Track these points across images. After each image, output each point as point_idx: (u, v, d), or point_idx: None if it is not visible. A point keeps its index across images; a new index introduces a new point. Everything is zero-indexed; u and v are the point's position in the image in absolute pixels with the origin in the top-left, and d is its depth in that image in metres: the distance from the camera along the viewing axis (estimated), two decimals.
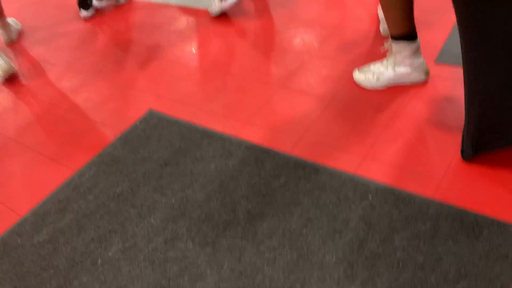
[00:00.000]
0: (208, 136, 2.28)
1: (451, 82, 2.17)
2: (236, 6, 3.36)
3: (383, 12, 2.05)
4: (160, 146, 2.31)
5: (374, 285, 1.47)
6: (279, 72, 2.59)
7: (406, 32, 2.05)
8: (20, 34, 3.80)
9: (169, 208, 1.97)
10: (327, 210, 1.75)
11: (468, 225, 1.55)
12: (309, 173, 1.92)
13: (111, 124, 2.55)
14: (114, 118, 2.59)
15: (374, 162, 1.88)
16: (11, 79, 3.19)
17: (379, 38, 2.64)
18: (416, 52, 2.11)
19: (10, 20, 3.77)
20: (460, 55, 1.60)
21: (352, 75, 2.39)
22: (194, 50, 3.05)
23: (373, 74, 2.24)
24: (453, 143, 1.85)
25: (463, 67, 1.58)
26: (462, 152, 1.75)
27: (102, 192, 2.15)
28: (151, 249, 1.81)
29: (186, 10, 3.55)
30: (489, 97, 1.54)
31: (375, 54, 2.51)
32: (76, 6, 3.91)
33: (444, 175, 1.74)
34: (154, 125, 2.46)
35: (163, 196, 2.03)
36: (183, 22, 3.41)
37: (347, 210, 1.72)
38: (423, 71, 2.19)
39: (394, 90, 2.22)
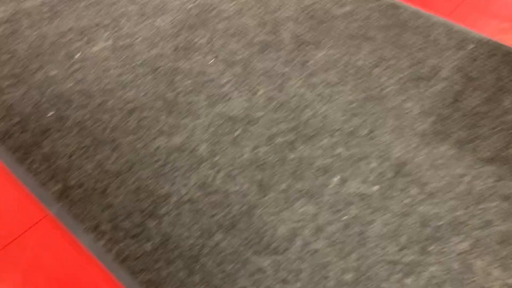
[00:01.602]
0: None
1: None
2: None
3: None
4: None
5: (475, 149, 1.04)
6: None
7: None
8: None
9: (184, 13, 1.42)
10: (410, 52, 1.27)
11: None
12: (384, 7, 1.40)
13: None
14: None
15: (475, 10, 1.39)
16: None
17: None
18: None
19: None
20: None
21: None
22: None
23: None
24: None
25: None
26: None
27: None
28: (155, 55, 1.29)
29: None
30: None
31: None
32: None
33: None
34: None
35: None
36: None
37: (437, 57, 1.25)
38: None
39: None
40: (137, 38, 1.34)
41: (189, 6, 1.44)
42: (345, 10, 1.40)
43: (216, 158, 1.05)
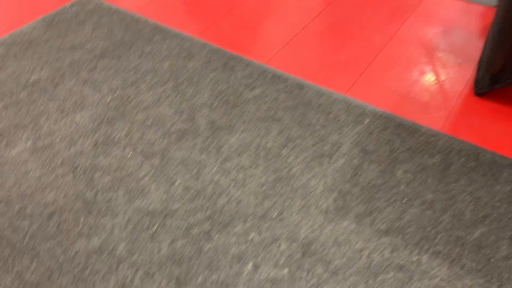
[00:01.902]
0: (161, 31, 1.80)
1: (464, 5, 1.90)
2: None
3: None
4: (97, 36, 1.78)
5: (373, 222, 1.15)
6: None
7: None
8: None
9: (103, 106, 1.48)
10: (313, 131, 1.39)
11: (485, 163, 1.29)
12: (291, 87, 1.54)
13: (34, 2, 1.95)
14: None
15: (370, 84, 1.55)
16: None
17: None
18: None
19: None
20: None
21: None
22: None
23: None
24: (464, 74, 1.58)
25: None
26: (476, 83, 1.48)
27: (10, 78, 1.59)
28: (74, 153, 1.34)
29: None
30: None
31: None
32: None
33: (453, 108, 1.46)
34: (91, 11, 1.91)
35: (96, 91, 1.54)
36: None
37: (338, 133, 1.38)
38: None
39: (399, 9, 1.90)
40: (57, 137, 1.39)
41: (108, 99, 1.51)
42: (255, 93, 1.52)
43: (134, 257, 1.09)
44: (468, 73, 1.59)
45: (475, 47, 1.69)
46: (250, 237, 1.13)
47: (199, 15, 1.90)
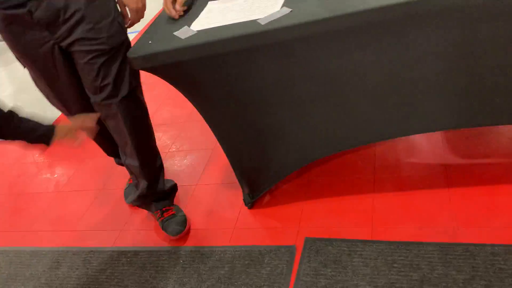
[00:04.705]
0: (36, 254, 2.38)
1: None
2: None
3: None
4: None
5: None
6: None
7: None
8: None
9: None
10: (148, 284, 1.98)
11: (254, 257, 1.92)
12: (130, 257, 2.14)
13: None
14: None
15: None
16: None
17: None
18: None
19: None
20: None
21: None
22: None
23: None
24: (239, 197, 2.27)
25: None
26: (244, 201, 2.18)
27: None
28: None
29: None
30: (242, 162, 2.02)
31: None
32: None
33: (235, 225, 2.13)
34: None
35: None
36: None
37: (164, 279, 1.98)
38: None
39: (186, 173, 2.63)
40: None
41: None
42: (105, 274, 2.10)
43: None
44: (241, 192, 2.29)
45: None
46: None
47: (61, 227, 2.51)
